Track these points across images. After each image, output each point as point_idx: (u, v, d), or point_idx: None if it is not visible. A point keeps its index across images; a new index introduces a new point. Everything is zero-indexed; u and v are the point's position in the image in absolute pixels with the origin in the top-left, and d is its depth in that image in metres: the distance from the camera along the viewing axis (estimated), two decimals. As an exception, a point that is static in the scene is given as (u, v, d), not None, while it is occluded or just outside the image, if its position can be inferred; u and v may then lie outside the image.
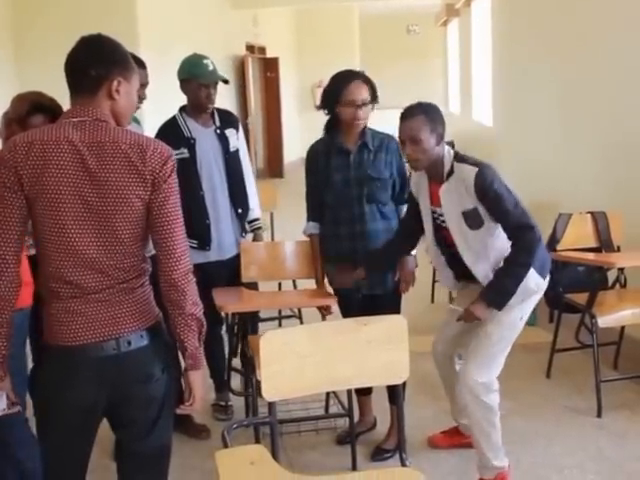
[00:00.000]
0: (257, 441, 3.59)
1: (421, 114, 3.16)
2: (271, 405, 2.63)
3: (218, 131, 3.99)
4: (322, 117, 3.64)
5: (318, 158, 3.65)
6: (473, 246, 3.21)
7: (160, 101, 6.44)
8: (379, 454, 3.78)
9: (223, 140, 3.99)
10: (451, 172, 3.19)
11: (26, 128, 3.06)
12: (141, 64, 3.67)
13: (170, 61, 8.92)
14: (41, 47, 8.52)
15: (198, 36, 10.85)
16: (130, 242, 2.23)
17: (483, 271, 3.23)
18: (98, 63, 2.24)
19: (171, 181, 2.23)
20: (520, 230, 3.13)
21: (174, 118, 3.98)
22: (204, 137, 3.95)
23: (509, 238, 3.16)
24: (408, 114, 3.18)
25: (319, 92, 3.89)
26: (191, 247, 3.83)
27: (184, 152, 3.88)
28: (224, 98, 12.14)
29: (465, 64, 11.83)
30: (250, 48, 14.04)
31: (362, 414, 4.02)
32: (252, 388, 3.70)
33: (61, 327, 2.23)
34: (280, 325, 5.12)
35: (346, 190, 3.57)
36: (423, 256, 3.75)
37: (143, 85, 3.64)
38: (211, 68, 3.98)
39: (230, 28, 12.56)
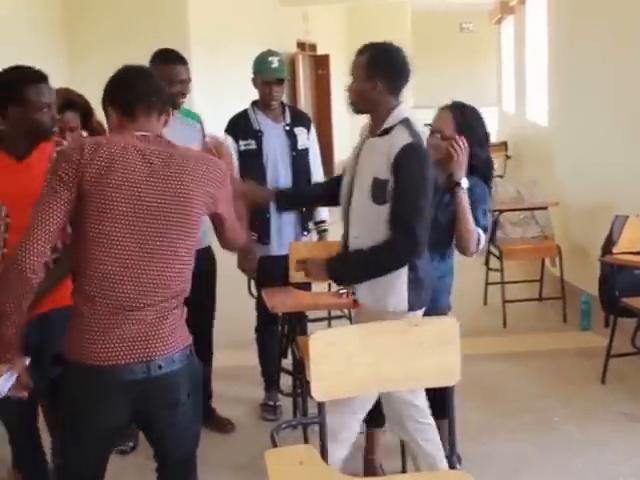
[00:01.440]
0: (306, 441, 3.57)
1: (367, 54, 2.89)
2: (320, 405, 2.60)
3: (287, 127, 4.03)
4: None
5: None
6: (365, 219, 2.85)
7: (213, 96, 6.47)
8: None
9: (291, 137, 4.03)
10: (389, 131, 2.85)
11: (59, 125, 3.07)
12: (182, 60, 3.71)
13: (221, 58, 9.04)
14: (93, 44, 8.66)
15: (249, 33, 10.90)
16: (182, 255, 2.25)
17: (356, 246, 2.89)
18: (159, 91, 2.39)
19: (228, 189, 2.40)
20: (399, 226, 2.75)
21: (245, 111, 4.07)
22: (272, 131, 4.00)
23: (392, 226, 2.77)
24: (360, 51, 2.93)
25: None
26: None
27: (251, 143, 3.96)
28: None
29: (519, 62, 11.66)
30: (301, 45, 14.03)
31: (370, 452, 3.48)
32: (301, 388, 3.67)
33: (91, 345, 2.19)
34: (329, 325, 5.09)
35: None
36: (476, 261, 3.68)
37: (183, 81, 3.67)
38: (275, 65, 3.99)
39: (280, 25, 12.56)
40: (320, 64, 14.71)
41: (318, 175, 4.18)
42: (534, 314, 6.07)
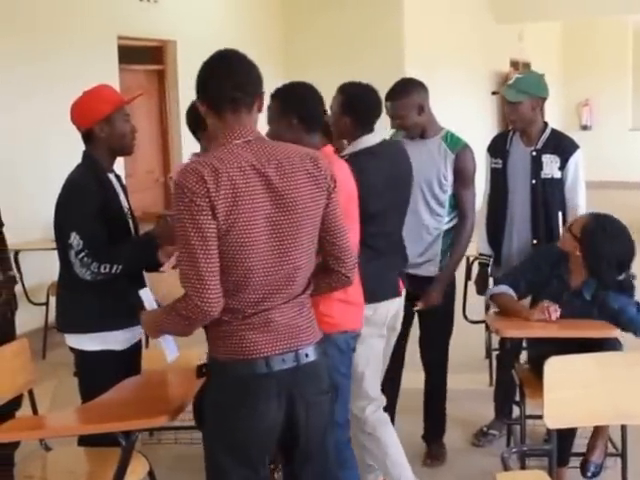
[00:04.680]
0: (522, 467, 3.49)
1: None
2: (551, 432, 2.55)
3: (534, 153, 3.81)
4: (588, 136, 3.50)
5: None
6: None
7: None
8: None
9: (535, 163, 3.81)
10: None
11: None
12: None
13: (435, 77, 9.05)
14: (310, 63, 8.98)
15: (462, 52, 10.89)
16: (312, 255, 2.27)
17: None
18: (254, 78, 2.25)
19: (337, 189, 2.29)
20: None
21: (509, 131, 3.97)
22: (518, 154, 3.85)
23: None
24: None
25: (585, 111, 3.73)
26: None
27: (498, 162, 3.89)
28: (481, 115, 12.06)
29: None
30: (514, 64, 13.80)
31: None
32: (520, 415, 3.59)
33: (242, 341, 2.19)
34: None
35: None
36: None
37: None
38: (508, 82, 3.89)
39: (495, 43, 12.43)
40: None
41: (572, 206, 3.83)
42: None
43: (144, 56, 7.48)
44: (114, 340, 2.97)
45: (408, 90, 3.65)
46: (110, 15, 6.64)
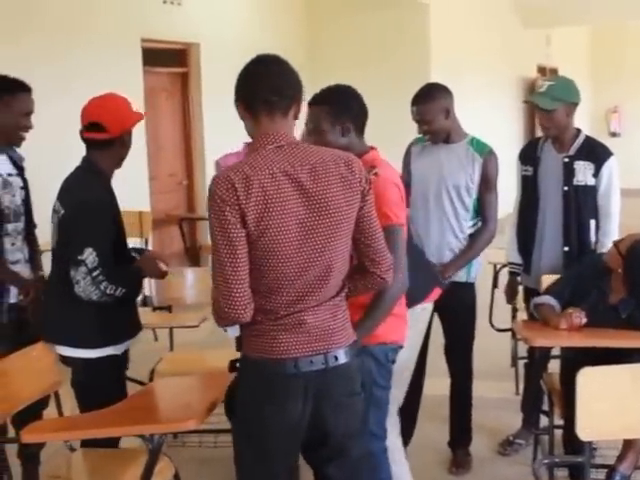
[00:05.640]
0: (551, 478, 3.42)
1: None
2: (584, 444, 2.48)
3: (566, 159, 3.71)
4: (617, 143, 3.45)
5: None
6: None
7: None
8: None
9: (567, 170, 3.70)
10: None
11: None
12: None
13: (461, 81, 8.98)
14: (332, 66, 8.94)
15: (488, 57, 10.80)
16: (346, 257, 2.27)
17: None
18: (292, 84, 2.25)
19: (372, 191, 2.29)
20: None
21: (539, 138, 3.90)
22: (550, 161, 3.76)
23: None
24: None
25: (614, 118, 3.66)
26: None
27: (529, 170, 3.80)
28: (507, 121, 11.94)
29: None
30: (541, 70, 13.68)
31: None
32: (549, 425, 3.52)
33: (272, 340, 2.22)
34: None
35: None
36: None
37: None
38: (539, 89, 3.77)
39: (522, 49, 12.32)
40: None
41: (605, 214, 3.73)
42: None
43: (168, 59, 7.49)
44: (114, 347, 2.99)
45: (434, 94, 3.62)
46: (134, 18, 6.65)
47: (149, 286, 5.21)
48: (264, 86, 2.20)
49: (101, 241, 2.82)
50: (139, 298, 3.40)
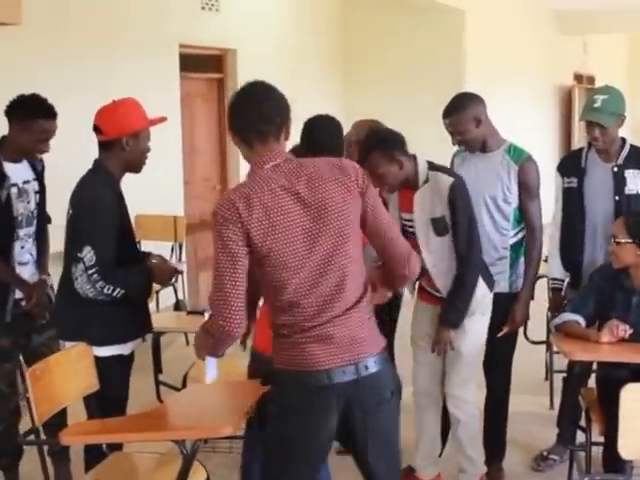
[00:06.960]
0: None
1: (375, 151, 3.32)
2: (625, 463, 2.43)
3: (615, 169, 3.68)
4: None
5: None
6: (435, 250, 3.36)
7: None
8: None
9: (618, 179, 3.67)
10: (426, 180, 3.35)
11: (361, 151, 3.34)
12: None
13: (496, 90, 8.91)
14: (368, 74, 8.97)
15: (524, 65, 10.70)
16: (359, 260, 2.31)
17: (442, 276, 3.38)
18: (281, 109, 2.35)
19: (372, 188, 2.35)
20: (470, 245, 3.31)
21: (580, 149, 3.87)
22: (597, 171, 3.71)
23: (460, 250, 3.32)
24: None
25: None
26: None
27: (573, 181, 3.74)
28: (543, 130, 11.80)
29: None
30: (578, 77, 13.54)
31: None
32: (586, 442, 3.45)
33: (302, 352, 2.26)
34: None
35: None
36: None
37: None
38: (594, 105, 3.64)
39: (558, 56, 12.18)
40: (597, 98, 14.03)
41: None
42: None
43: (205, 64, 7.51)
44: (120, 347, 3.05)
45: (462, 104, 3.60)
46: (173, 23, 6.68)
47: (182, 290, 5.23)
48: (254, 117, 2.30)
49: (101, 241, 2.88)
50: (172, 302, 3.41)
